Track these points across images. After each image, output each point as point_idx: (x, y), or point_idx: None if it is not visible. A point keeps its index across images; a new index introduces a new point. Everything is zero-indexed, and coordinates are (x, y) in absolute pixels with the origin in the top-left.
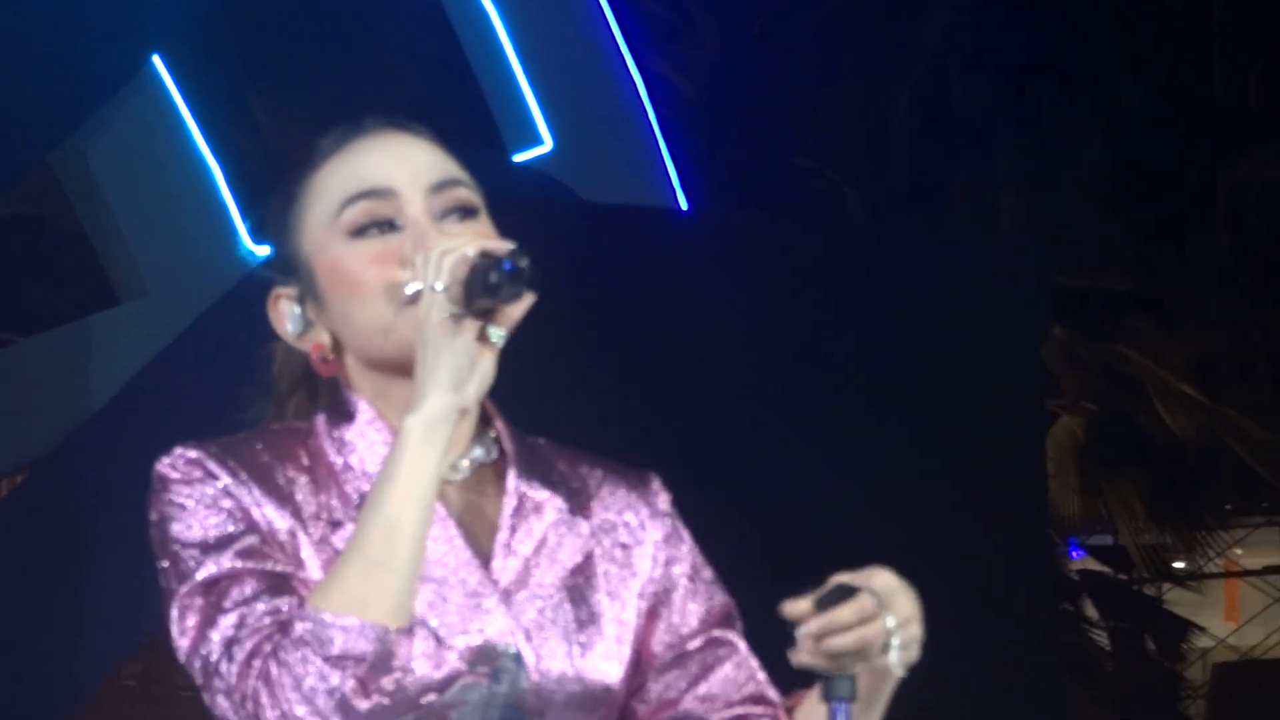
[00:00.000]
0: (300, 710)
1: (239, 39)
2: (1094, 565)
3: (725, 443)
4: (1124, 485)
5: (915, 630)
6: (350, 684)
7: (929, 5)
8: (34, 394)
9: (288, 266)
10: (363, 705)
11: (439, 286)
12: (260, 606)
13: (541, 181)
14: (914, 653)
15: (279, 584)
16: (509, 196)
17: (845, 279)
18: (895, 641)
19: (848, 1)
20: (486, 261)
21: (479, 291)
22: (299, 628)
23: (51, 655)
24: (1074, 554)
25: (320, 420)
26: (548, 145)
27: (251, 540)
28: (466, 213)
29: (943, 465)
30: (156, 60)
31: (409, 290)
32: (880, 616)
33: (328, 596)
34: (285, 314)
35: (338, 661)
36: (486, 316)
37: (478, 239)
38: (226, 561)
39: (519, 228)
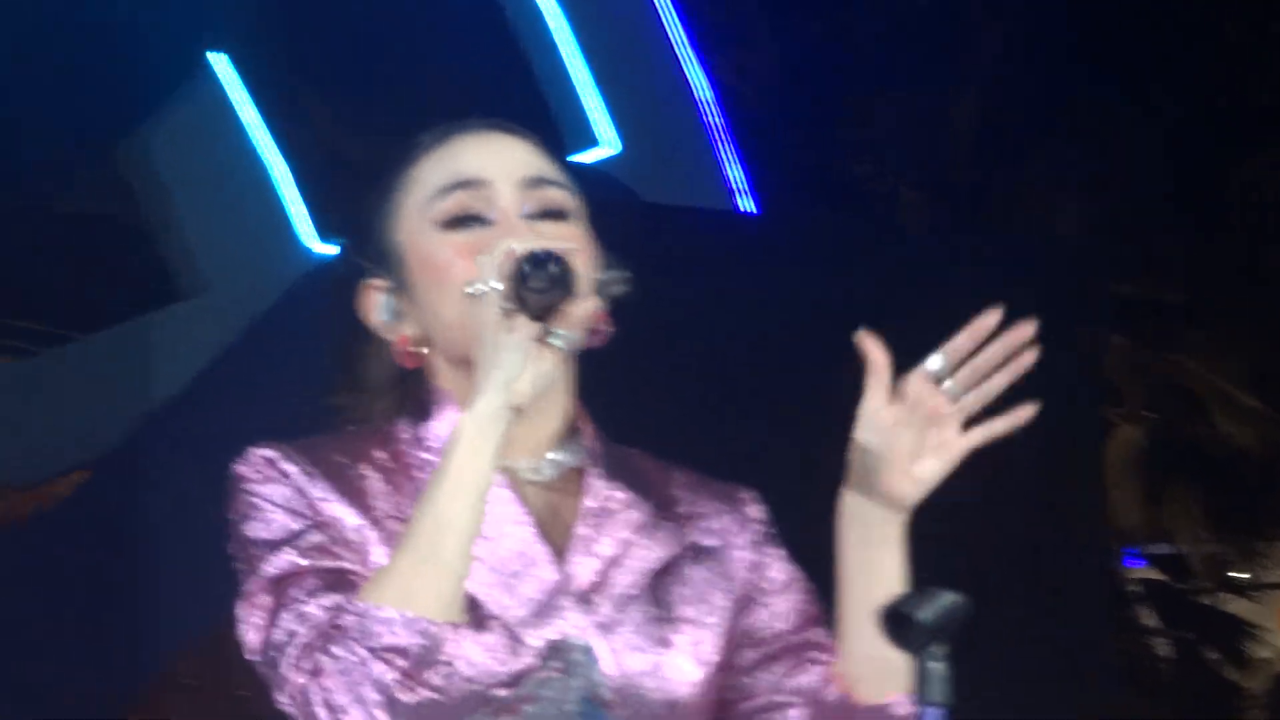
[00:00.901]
0: (345, 700)
1: (298, 37)
2: (1153, 574)
3: (789, 445)
4: (1183, 494)
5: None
6: (394, 676)
7: (989, 10)
8: (96, 391)
9: (380, 257)
10: (408, 698)
11: (493, 284)
12: (320, 603)
13: (605, 183)
14: None
15: (341, 581)
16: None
17: (904, 284)
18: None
19: (908, 5)
20: (528, 256)
21: (519, 286)
22: (346, 620)
23: (111, 652)
24: (1133, 563)
25: (402, 422)
26: (612, 148)
27: (318, 537)
28: (559, 215)
29: (1003, 473)
30: (217, 58)
31: (470, 290)
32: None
33: (376, 590)
34: (375, 304)
35: (382, 654)
36: (546, 316)
37: (537, 237)
38: (291, 559)
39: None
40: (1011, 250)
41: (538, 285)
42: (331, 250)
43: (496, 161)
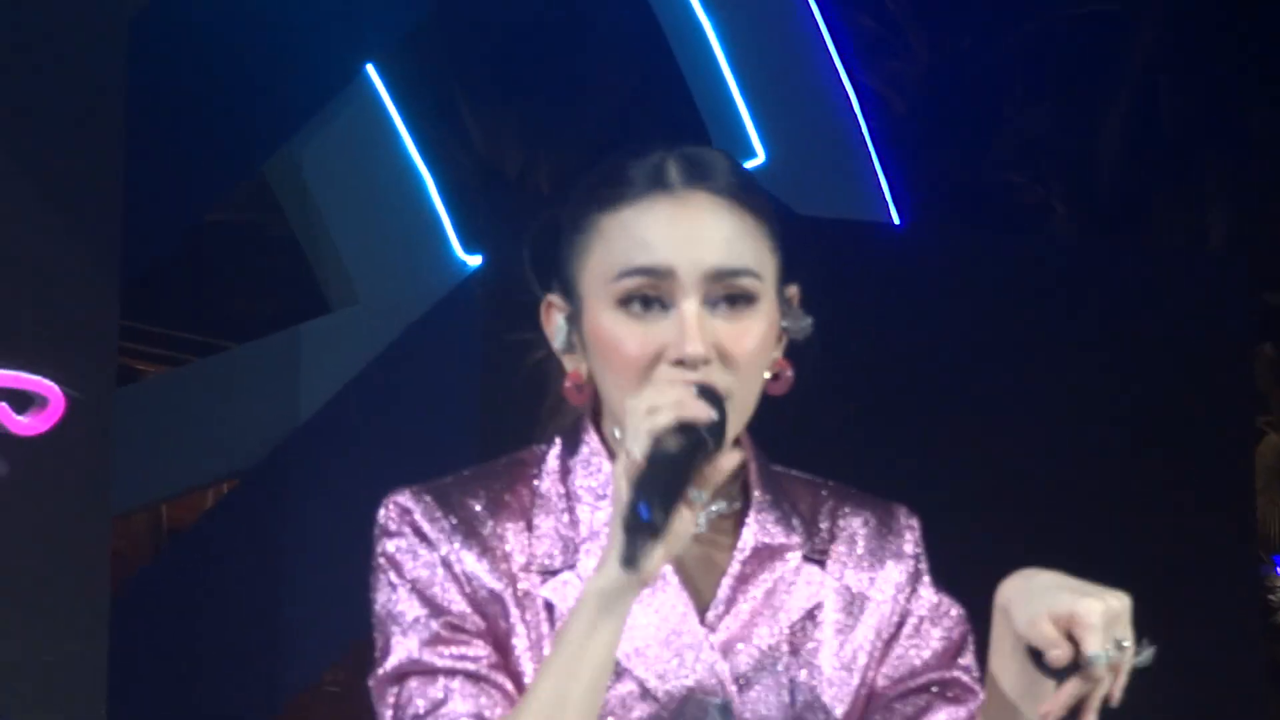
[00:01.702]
0: None
1: (451, 48)
2: None
3: (937, 454)
4: None
5: (1129, 654)
6: None
7: (1138, 21)
8: (244, 402)
9: (564, 287)
10: None
11: (635, 452)
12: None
13: None
14: (1127, 674)
15: (465, 690)
16: None
17: (1055, 295)
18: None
19: (1057, 16)
20: (652, 470)
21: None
22: None
23: (257, 660)
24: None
25: (556, 446)
26: (761, 158)
27: (446, 629)
28: (744, 301)
29: (1152, 481)
30: (370, 69)
31: (615, 433)
32: (1108, 677)
33: None
34: (555, 325)
35: None
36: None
37: (681, 404)
38: (418, 651)
39: None
40: (1162, 261)
41: (627, 528)
42: (476, 260)
43: (685, 245)
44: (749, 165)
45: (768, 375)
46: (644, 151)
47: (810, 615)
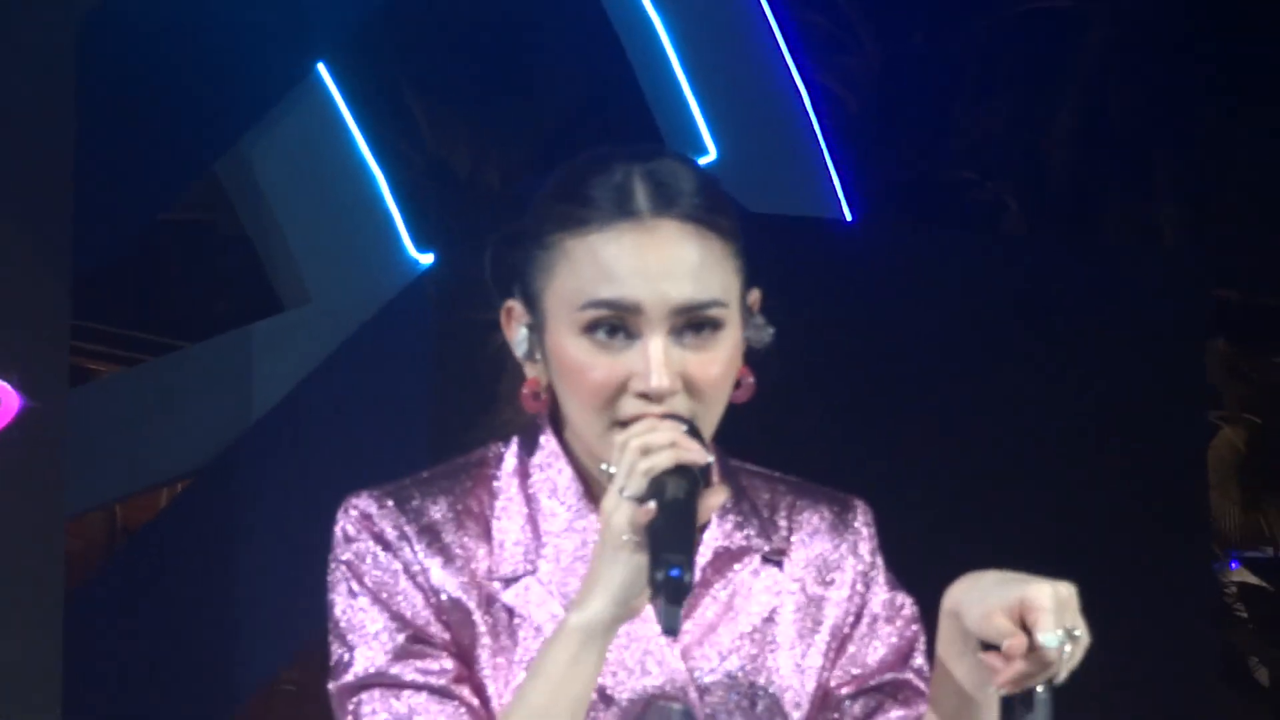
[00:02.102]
0: None
1: (402, 46)
2: (1252, 578)
3: (886, 452)
4: None
5: (1082, 640)
6: None
7: (1090, 17)
8: (197, 401)
9: (528, 299)
10: None
11: (628, 494)
12: None
13: None
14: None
15: (428, 707)
16: None
17: (1006, 291)
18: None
19: (1009, 13)
20: (662, 528)
21: (648, 572)
22: None
23: (211, 662)
24: (1233, 566)
25: (515, 446)
26: (712, 154)
27: (408, 641)
28: (709, 330)
29: (1105, 477)
30: (321, 68)
31: (604, 467)
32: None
33: None
34: (517, 334)
35: None
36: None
37: (677, 450)
38: (382, 663)
39: None
40: (1114, 256)
41: (656, 584)
42: (428, 258)
43: (655, 282)
44: (700, 162)
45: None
46: (606, 162)
47: (769, 618)
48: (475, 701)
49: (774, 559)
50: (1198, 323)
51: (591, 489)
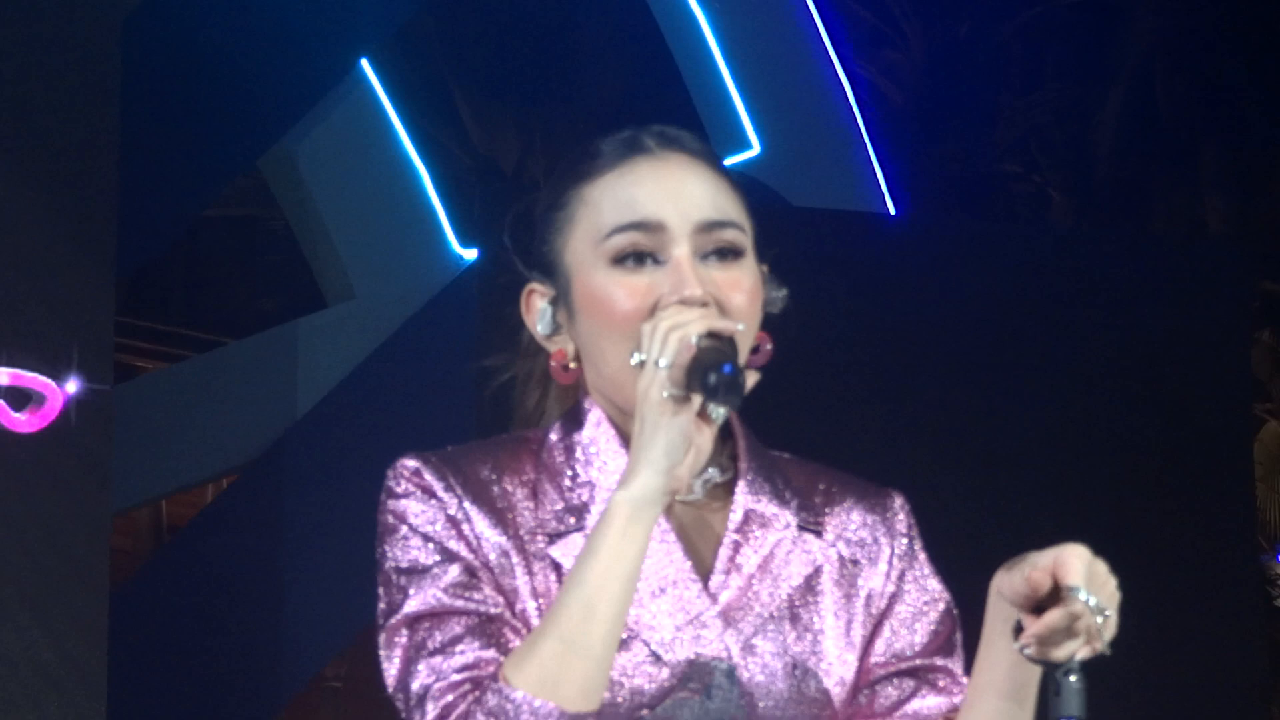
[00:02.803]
0: None
1: (446, 42)
2: None
3: (932, 444)
4: None
5: (1115, 607)
6: None
7: (1135, 8)
8: (242, 397)
9: (546, 268)
10: None
11: (662, 364)
12: (458, 658)
13: (750, 186)
14: (1114, 630)
15: (481, 628)
16: None
17: (1052, 283)
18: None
19: (1055, 5)
20: (708, 355)
21: (697, 384)
22: (490, 700)
23: (257, 658)
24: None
25: (555, 427)
26: (756, 149)
27: (457, 573)
28: (733, 254)
29: (1150, 469)
30: (365, 64)
31: (633, 361)
32: (1088, 614)
33: (521, 670)
34: (537, 311)
35: None
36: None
37: (708, 315)
38: (431, 597)
39: None
40: (1160, 248)
41: (720, 395)
42: (472, 254)
43: (673, 200)
44: (744, 158)
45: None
46: (615, 131)
47: (809, 583)
48: (525, 633)
49: (811, 528)
50: (1243, 314)
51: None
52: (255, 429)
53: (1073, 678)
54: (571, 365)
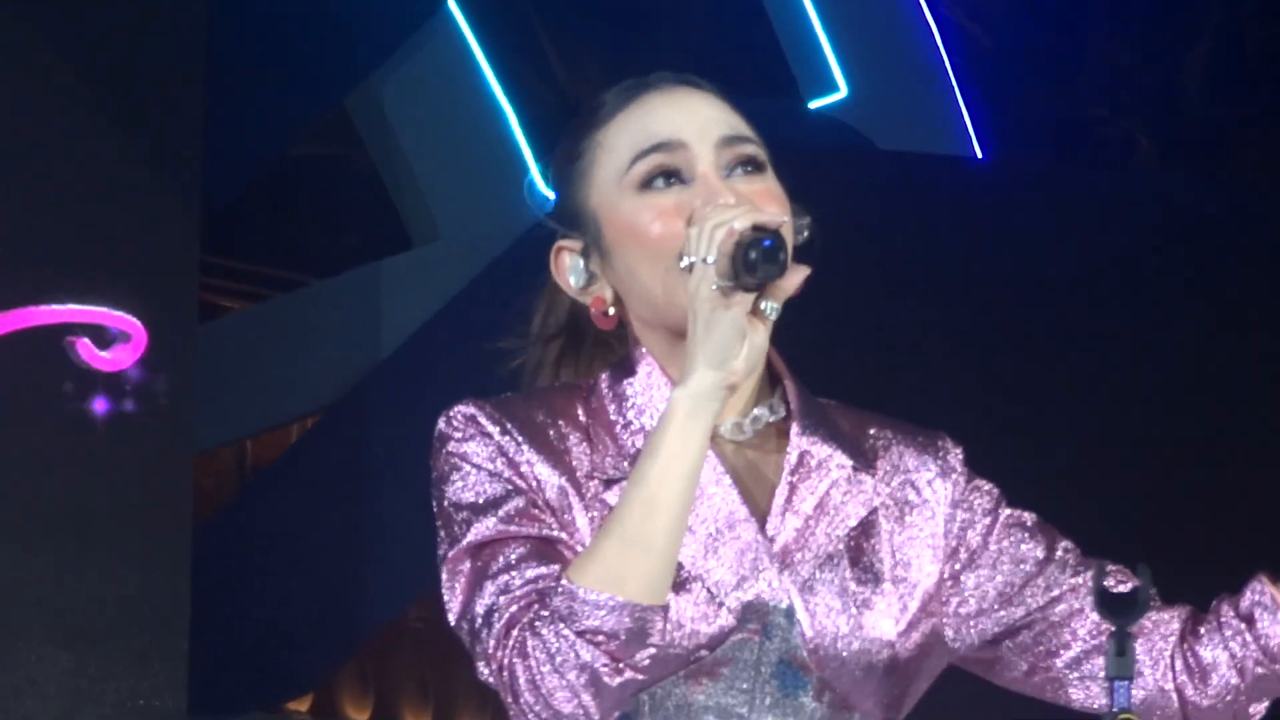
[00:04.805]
0: (552, 683)
1: None
2: None
3: (1020, 394)
4: None
5: None
6: (602, 660)
7: None
8: (326, 338)
9: (573, 220)
10: (614, 681)
11: (709, 259)
12: (523, 575)
13: (837, 129)
14: None
15: (543, 550)
16: (804, 144)
17: (1139, 229)
18: None
19: None
20: (749, 237)
21: (741, 268)
22: (555, 601)
23: (338, 599)
24: None
25: (604, 376)
26: (843, 92)
27: (519, 503)
28: (755, 167)
29: (1231, 419)
30: (452, 3)
31: (682, 264)
32: None
33: (584, 571)
34: (568, 266)
35: (591, 637)
36: (759, 290)
37: (752, 209)
38: (493, 525)
39: (814, 175)
40: (1249, 191)
41: (760, 266)
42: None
43: (691, 121)
44: (832, 100)
45: None
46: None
47: (865, 523)
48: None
49: (864, 469)
50: None
51: None
52: (338, 370)
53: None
54: (611, 311)
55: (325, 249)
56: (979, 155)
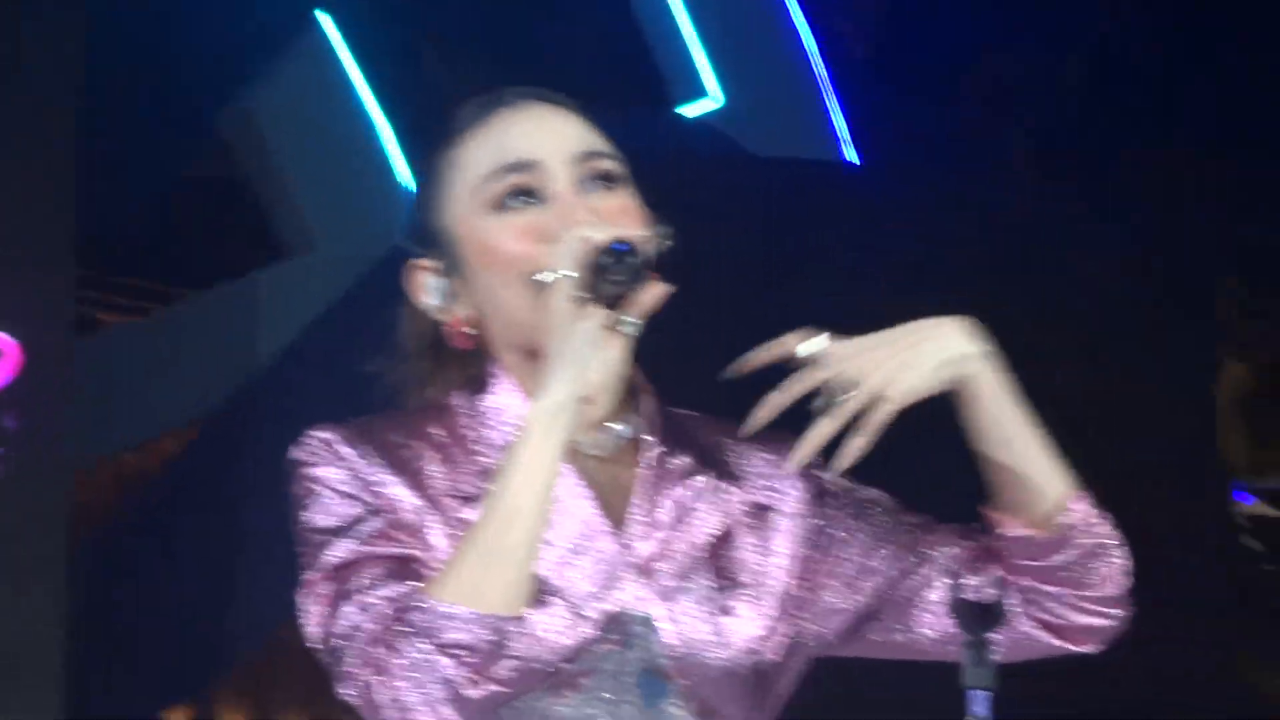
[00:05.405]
0: (412, 698)
1: None
2: (1264, 510)
3: None
4: None
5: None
6: (463, 673)
7: None
8: (204, 350)
9: (429, 239)
10: (475, 694)
11: (566, 271)
12: (381, 593)
13: (711, 136)
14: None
15: (402, 569)
16: (679, 151)
17: (1016, 230)
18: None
19: None
20: (606, 251)
21: (597, 282)
22: (413, 617)
23: (219, 609)
24: (1244, 499)
25: (462, 394)
26: (718, 100)
27: (376, 524)
28: (611, 182)
29: (1116, 406)
30: (323, 17)
31: (539, 277)
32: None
33: (444, 585)
34: (425, 286)
35: (449, 650)
36: (616, 304)
37: (613, 226)
38: (350, 547)
39: (689, 182)
40: (1126, 194)
41: (617, 278)
42: None
43: (545, 138)
44: (705, 107)
45: None
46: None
47: (725, 532)
48: None
49: (723, 478)
50: (1213, 257)
51: None
52: (217, 382)
53: (986, 650)
54: (469, 331)
55: (202, 262)
56: (856, 161)
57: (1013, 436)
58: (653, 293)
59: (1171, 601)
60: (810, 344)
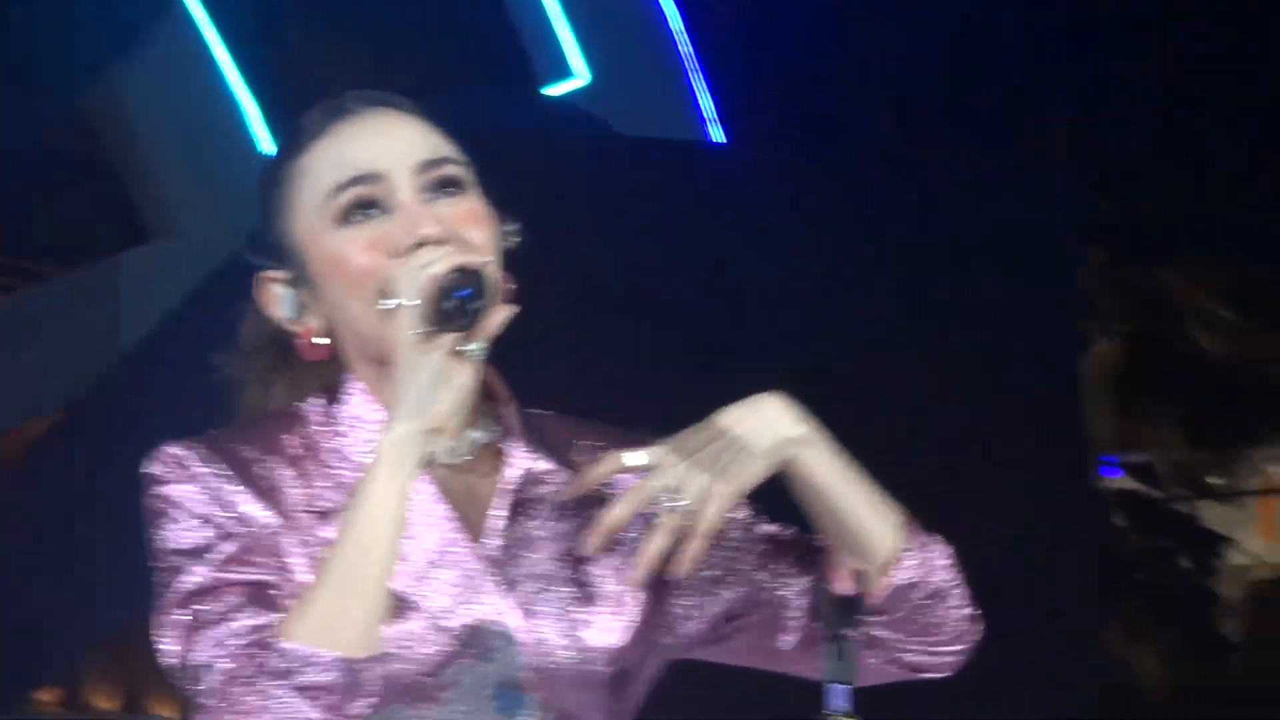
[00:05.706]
0: None
1: None
2: (1130, 484)
3: (762, 376)
4: (1160, 406)
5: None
6: (319, 713)
7: None
8: (63, 333)
9: (277, 252)
10: None
11: (408, 302)
12: (236, 626)
13: (576, 115)
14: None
15: (259, 595)
16: (543, 131)
17: (883, 205)
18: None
19: None
20: (451, 284)
21: (440, 314)
22: (270, 659)
23: (85, 590)
24: (1110, 472)
25: (315, 403)
26: (585, 79)
27: (231, 547)
28: (455, 187)
29: (980, 384)
30: None
31: (382, 305)
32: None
33: (299, 623)
34: (275, 297)
35: (306, 691)
36: (462, 328)
37: (452, 253)
38: (206, 573)
39: (554, 163)
40: (991, 169)
41: (460, 306)
42: None
43: (389, 148)
44: (570, 86)
45: None
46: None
47: (582, 538)
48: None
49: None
50: (1076, 234)
51: None
52: (78, 365)
53: (847, 644)
54: (321, 341)
55: (63, 243)
56: (720, 139)
57: (843, 504)
58: (498, 317)
59: (1040, 580)
60: (633, 456)
